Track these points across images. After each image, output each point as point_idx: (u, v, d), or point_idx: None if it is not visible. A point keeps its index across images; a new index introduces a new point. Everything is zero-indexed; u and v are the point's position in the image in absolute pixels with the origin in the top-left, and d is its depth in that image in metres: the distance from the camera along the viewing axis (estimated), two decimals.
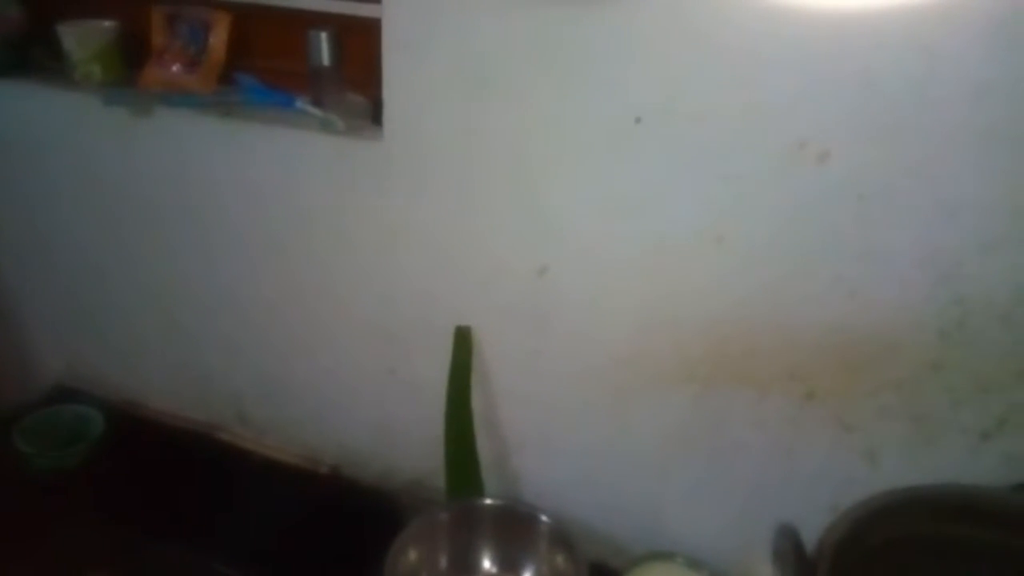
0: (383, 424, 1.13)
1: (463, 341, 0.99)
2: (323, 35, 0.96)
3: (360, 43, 0.98)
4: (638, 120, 0.79)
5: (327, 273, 1.06)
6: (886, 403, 0.83)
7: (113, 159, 1.11)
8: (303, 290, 1.09)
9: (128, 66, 1.11)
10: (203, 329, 1.20)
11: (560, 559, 0.92)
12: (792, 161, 0.76)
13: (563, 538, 0.93)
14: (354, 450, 1.17)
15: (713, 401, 0.90)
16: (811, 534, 0.81)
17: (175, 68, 1.07)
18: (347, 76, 1.00)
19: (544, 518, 0.95)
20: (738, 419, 0.90)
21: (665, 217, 0.83)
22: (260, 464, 1.22)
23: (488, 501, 0.98)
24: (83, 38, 1.07)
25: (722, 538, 0.96)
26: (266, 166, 1.01)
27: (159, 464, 1.24)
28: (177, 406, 1.28)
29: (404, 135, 0.92)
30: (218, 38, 1.06)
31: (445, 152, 0.91)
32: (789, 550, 0.54)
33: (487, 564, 0.97)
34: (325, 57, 0.98)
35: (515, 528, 0.96)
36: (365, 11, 0.92)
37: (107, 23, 1.09)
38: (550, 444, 1.02)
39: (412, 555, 0.92)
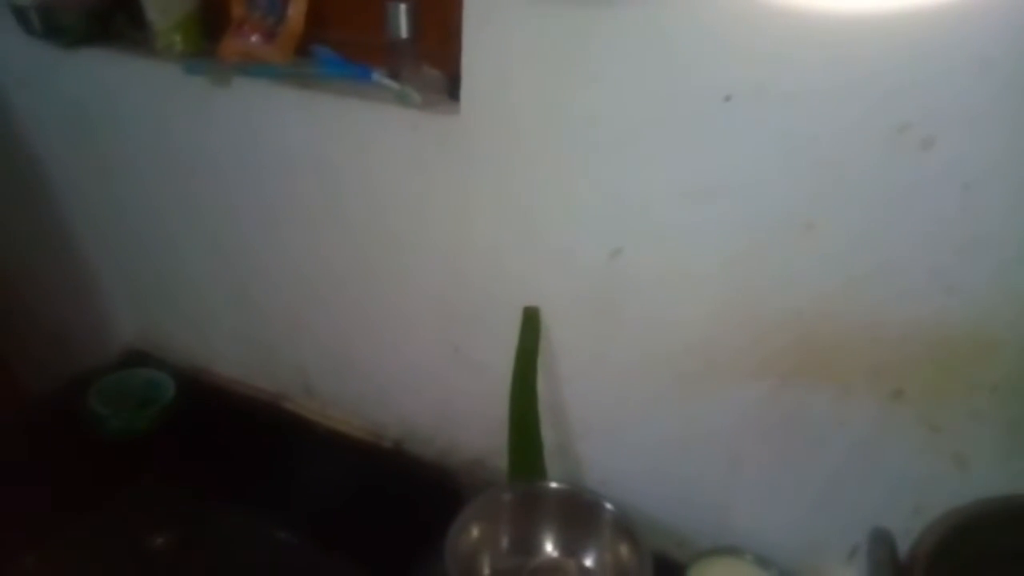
0: (446, 402, 1.13)
1: (531, 322, 0.97)
2: (402, 7, 0.95)
3: (439, 16, 0.96)
4: (728, 98, 0.76)
5: (396, 248, 1.06)
6: (979, 406, 0.78)
7: (190, 129, 1.12)
8: (371, 265, 1.09)
9: (208, 37, 1.12)
10: (271, 300, 1.21)
11: (623, 548, 0.91)
12: (893, 146, 0.71)
13: (627, 527, 0.91)
14: (417, 426, 1.17)
15: (791, 396, 0.87)
16: (895, 539, 0.78)
17: (253, 39, 1.07)
18: (424, 50, 0.99)
19: (608, 506, 0.93)
20: (817, 415, 0.86)
21: (751, 201, 0.80)
22: (324, 435, 1.24)
23: (553, 485, 0.97)
24: (165, 8, 1.08)
25: (792, 536, 0.93)
26: (340, 138, 1.01)
27: (226, 430, 1.27)
28: (244, 374, 1.30)
29: (481, 110, 0.90)
30: (296, 9, 1.05)
31: (523, 128, 0.89)
32: (886, 557, 0.51)
33: (549, 547, 0.96)
34: (403, 29, 0.96)
35: (578, 514, 0.95)
36: None
37: None
38: (616, 431, 1.01)
39: (474, 532, 0.92)
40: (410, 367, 1.14)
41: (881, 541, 0.54)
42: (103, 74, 1.17)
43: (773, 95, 0.75)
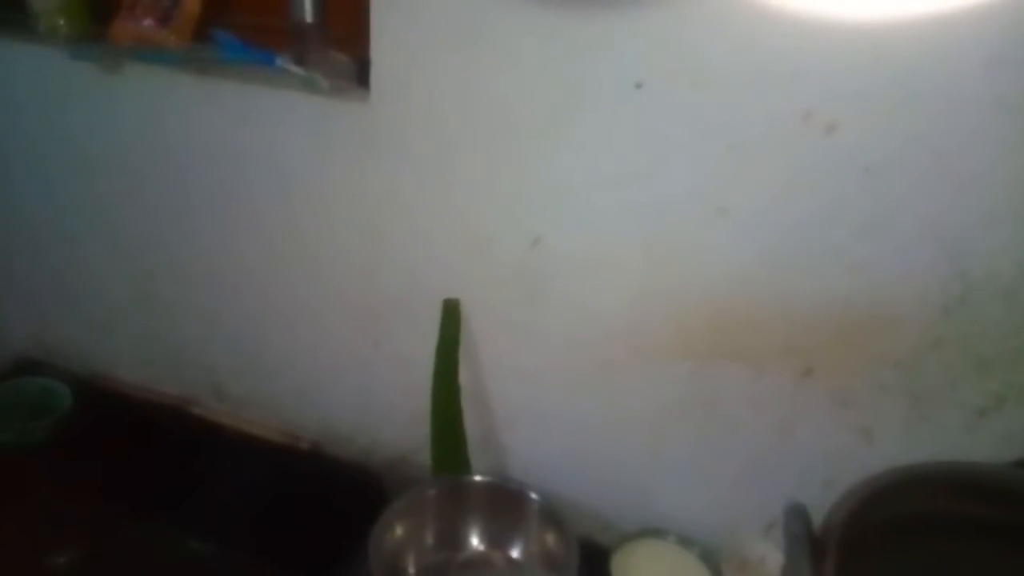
0: (366, 399, 1.10)
1: (451, 314, 0.96)
2: None
3: None
4: (639, 85, 0.76)
5: (308, 242, 1.02)
6: (884, 380, 0.81)
7: (82, 117, 1.05)
8: (283, 259, 1.05)
9: (95, 20, 1.05)
10: (178, 299, 1.15)
11: (550, 537, 0.90)
12: (798, 131, 0.73)
13: (553, 516, 0.91)
14: (336, 426, 1.14)
15: (708, 377, 0.88)
16: (810, 513, 0.80)
17: (147, 22, 1.01)
18: (331, 34, 0.95)
19: (533, 495, 0.93)
20: (733, 395, 0.88)
21: (665, 186, 0.80)
22: (237, 439, 1.19)
23: (477, 478, 0.96)
24: None
25: (713, 514, 0.95)
26: (245, 127, 0.96)
27: (130, 439, 1.20)
28: (149, 379, 1.23)
29: (392, 97, 0.88)
30: None
31: (435, 115, 0.87)
32: (801, 530, 0.52)
33: (475, 541, 0.95)
34: (308, 13, 0.92)
35: (504, 505, 0.94)
36: None
37: None
38: (539, 419, 1.00)
39: (398, 530, 0.90)
40: (328, 364, 1.10)
41: (796, 515, 0.55)
42: None
43: (683, 82, 0.75)
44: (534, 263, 0.90)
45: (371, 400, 1.10)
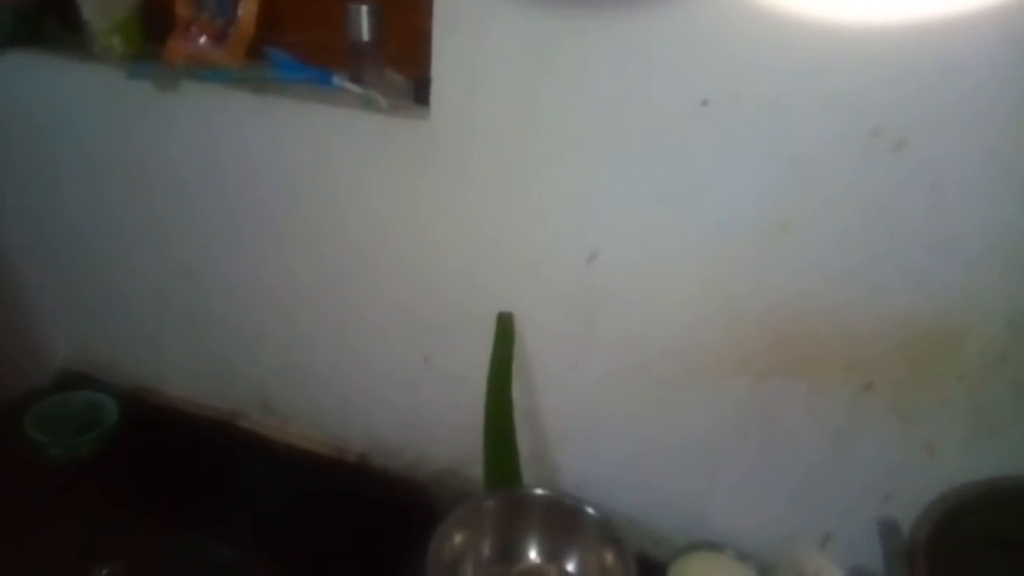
0: (415, 412, 1.10)
1: (505, 328, 0.96)
2: (364, 8, 0.92)
3: (401, 18, 0.94)
4: (705, 103, 0.77)
5: (360, 258, 1.03)
6: (947, 394, 0.82)
7: (136, 136, 1.06)
8: (335, 275, 1.06)
9: (150, 39, 1.07)
10: (228, 314, 1.16)
11: (607, 552, 0.90)
12: (865, 149, 0.74)
13: (610, 531, 0.91)
14: (384, 438, 1.14)
15: (766, 393, 0.88)
16: (862, 524, 0.81)
17: (201, 41, 1.02)
18: (386, 53, 0.97)
19: (591, 510, 0.93)
20: (792, 411, 0.88)
21: (728, 202, 0.81)
22: (283, 452, 1.19)
23: (538, 491, 0.96)
24: (104, 8, 1.02)
25: (768, 528, 0.95)
26: (301, 144, 0.97)
27: (176, 453, 1.20)
28: (196, 393, 1.24)
29: (452, 115, 0.88)
30: (247, 9, 1.01)
31: (495, 134, 0.88)
32: (898, 547, 0.53)
33: (532, 554, 0.95)
34: (365, 32, 0.94)
35: (561, 519, 0.94)
36: None
37: None
38: (592, 436, 1.00)
39: (456, 539, 0.90)
40: (376, 378, 1.11)
41: (891, 532, 0.55)
42: (34, 78, 1.10)
43: (749, 100, 0.76)
44: (591, 279, 0.90)
45: (420, 414, 1.10)
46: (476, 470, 1.07)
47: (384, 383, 1.10)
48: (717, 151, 0.79)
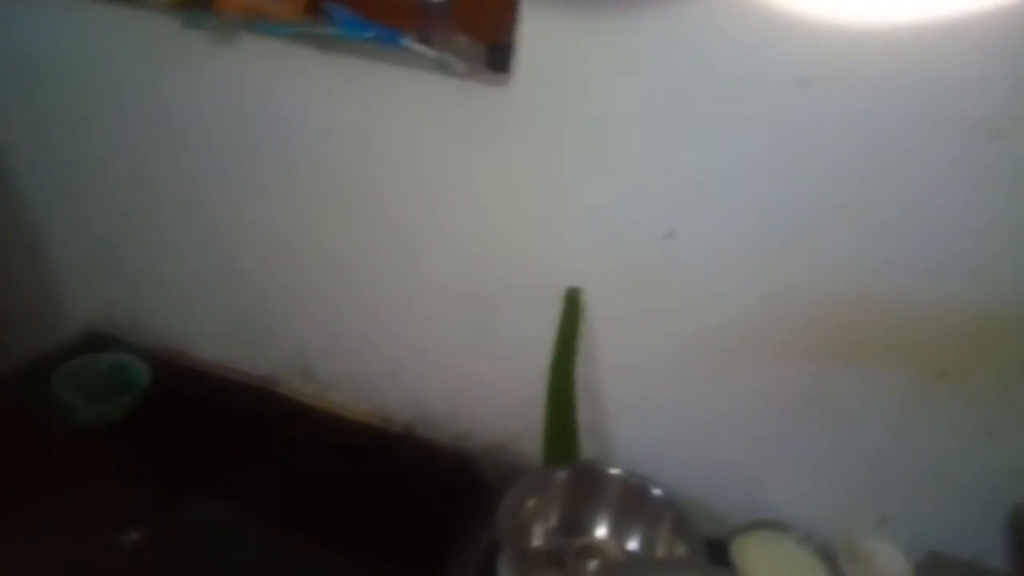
0: (465, 384, 1.09)
1: (573, 303, 0.95)
2: None
3: None
4: (805, 83, 0.76)
5: (419, 224, 1.00)
6: (1014, 382, 0.83)
7: (184, 87, 1.01)
8: (390, 240, 1.03)
9: None
10: (266, 276, 1.12)
11: (672, 533, 0.91)
12: (958, 138, 0.74)
13: (678, 515, 0.92)
14: (431, 409, 1.13)
15: (830, 375, 0.89)
16: (921, 507, 0.83)
17: None
18: (457, 15, 0.93)
19: (658, 491, 0.94)
20: (855, 394, 0.90)
21: (808, 186, 0.81)
22: (324, 420, 1.17)
23: (613, 470, 0.96)
24: None
25: (824, 510, 0.97)
26: (365, 105, 0.94)
27: (209, 418, 1.17)
28: (229, 357, 1.21)
29: (535, 83, 0.86)
30: None
31: (578, 104, 0.85)
32: None
33: (596, 529, 0.96)
34: None
35: (628, 498, 0.95)
36: None
37: None
38: (651, 411, 1.01)
39: (528, 504, 0.91)
40: (427, 348, 1.09)
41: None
42: (82, 23, 1.03)
43: (849, 82, 0.75)
44: (665, 256, 0.90)
45: (470, 385, 1.09)
46: (526, 444, 1.07)
47: (435, 353, 1.09)
48: (806, 133, 0.78)
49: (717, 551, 0.92)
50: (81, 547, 1.07)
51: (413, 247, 1.02)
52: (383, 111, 0.94)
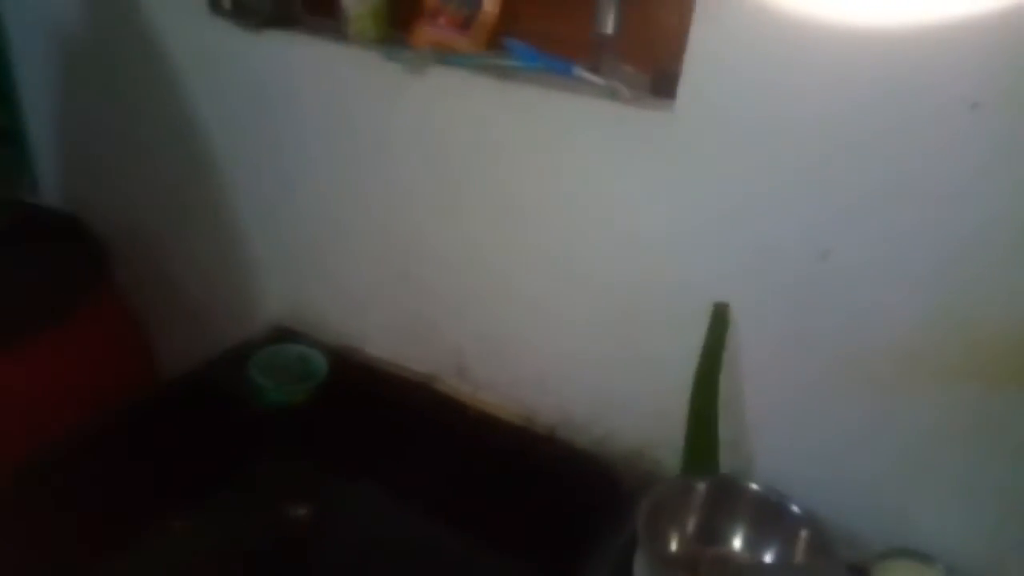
0: (609, 391, 1.15)
1: (720, 318, 0.99)
2: (614, 2, 0.97)
3: (641, 13, 0.99)
4: (974, 106, 0.77)
5: (575, 240, 1.08)
6: None
7: (376, 113, 1.16)
8: (546, 253, 1.12)
9: (392, 25, 1.16)
10: (434, 284, 1.24)
11: (811, 553, 0.92)
12: None
13: (817, 533, 0.93)
14: (574, 413, 1.19)
15: (998, 401, 0.87)
16: None
17: (447, 29, 1.11)
18: (623, 46, 1.02)
19: (796, 509, 0.95)
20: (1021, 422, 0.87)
21: (979, 208, 0.81)
22: (475, 418, 1.26)
23: (752, 485, 0.98)
24: None
25: (975, 544, 0.94)
26: (538, 129, 1.04)
27: (375, 408, 1.29)
28: (396, 355, 1.33)
29: (696, 107, 0.92)
30: (492, 2, 1.08)
31: (737, 127, 0.91)
32: None
33: (732, 541, 0.98)
34: (610, 25, 0.99)
35: (766, 513, 0.96)
36: None
37: None
38: (795, 429, 1.02)
39: (666, 508, 0.95)
40: (573, 355, 1.16)
41: None
42: (287, 56, 1.21)
43: (1019, 103, 0.76)
44: (820, 276, 0.92)
45: (613, 393, 1.15)
46: (664, 452, 1.11)
47: (580, 360, 1.16)
48: (976, 156, 0.79)
49: None
50: (259, 514, 1.21)
51: (567, 260, 1.11)
52: (550, 135, 1.04)
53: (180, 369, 1.30)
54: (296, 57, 1.20)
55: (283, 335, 1.41)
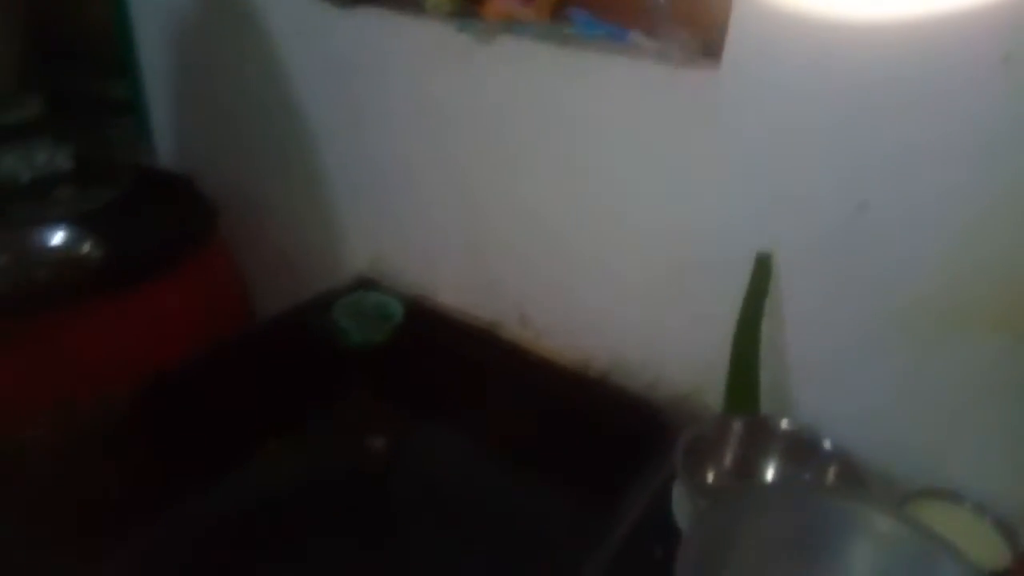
0: (657, 338, 1.23)
1: (763, 267, 1.05)
2: None
3: None
4: (1006, 59, 0.81)
5: (630, 195, 1.16)
6: None
7: (449, 82, 1.27)
8: (602, 210, 1.20)
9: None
10: (500, 239, 1.35)
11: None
12: None
13: (849, 466, 0.98)
14: (626, 358, 1.27)
15: None
16: None
17: (514, 1, 1.20)
18: (675, 14, 1.09)
19: (828, 444, 1.01)
20: None
21: (1019, 161, 0.84)
22: (534, 362, 1.36)
23: (782, 422, 1.05)
24: None
25: (1010, 490, 0.97)
26: (594, 91, 1.12)
27: (444, 352, 1.41)
28: (464, 304, 1.45)
29: (741, 68, 0.98)
30: None
31: (780, 87, 0.96)
32: None
33: (768, 474, 1.05)
34: None
35: (799, 450, 1.02)
36: None
37: None
38: (835, 376, 1.07)
39: (704, 443, 1.02)
40: (627, 303, 1.24)
41: None
42: (372, 31, 1.33)
43: None
44: (858, 227, 0.97)
45: (662, 340, 1.22)
46: (709, 397, 1.18)
47: (633, 308, 1.23)
48: (1011, 109, 0.83)
49: None
50: (342, 443, 1.36)
51: (621, 214, 1.19)
52: (607, 96, 1.12)
53: (274, 312, 1.47)
54: (380, 31, 1.33)
55: (364, 284, 1.55)
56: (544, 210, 1.27)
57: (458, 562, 1.10)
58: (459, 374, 1.40)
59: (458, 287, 1.46)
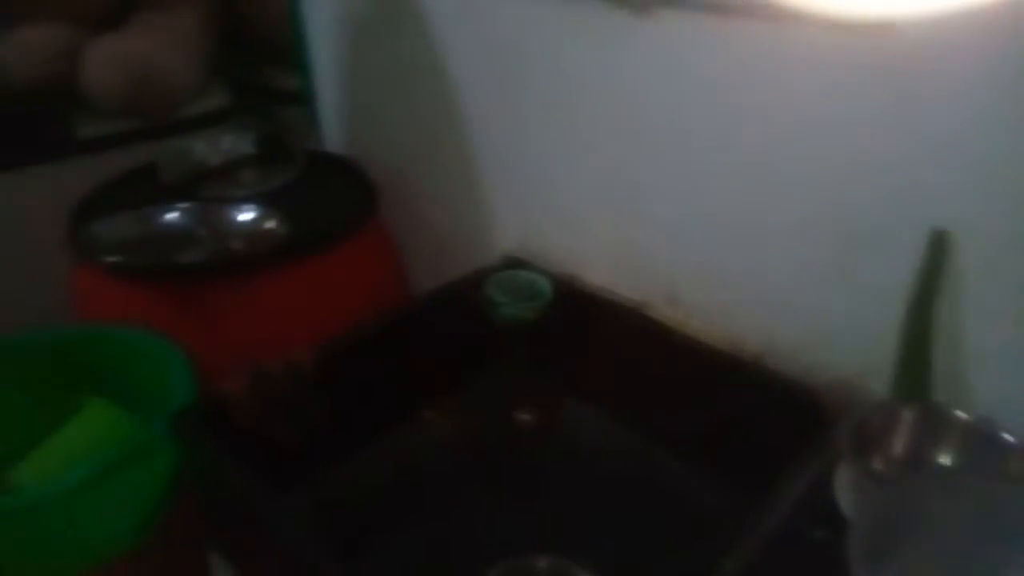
0: (815, 319, 1.18)
1: (939, 245, 0.99)
2: None
3: None
4: None
5: (792, 166, 1.12)
6: None
7: (604, 60, 1.28)
8: (759, 183, 1.17)
9: None
10: (650, 218, 1.35)
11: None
12: None
13: None
14: (782, 341, 1.23)
15: None
16: None
17: None
18: None
19: (1009, 436, 0.93)
20: None
21: None
22: (683, 343, 1.34)
23: (962, 413, 0.98)
24: None
25: None
26: (762, 64, 1.09)
27: (591, 330, 1.43)
28: (612, 283, 1.46)
29: (917, 37, 0.93)
30: None
31: (958, 51, 0.90)
32: None
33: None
34: None
35: (976, 439, 0.96)
36: None
37: None
38: (1016, 367, 0.99)
39: (870, 429, 0.98)
40: (784, 282, 1.20)
41: None
42: (525, 13, 1.37)
43: None
44: None
45: (820, 320, 1.17)
46: (873, 383, 1.12)
47: (789, 287, 1.19)
48: None
49: None
50: (492, 415, 1.42)
51: (781, 187, 1.15)
52: (773, 70, 1.09)
53: (429, 287, 1.55)
54: (532, 14, 1.36)
55: (514, 264, 1.60)
56: (699, 188, 1.26)
57: (613, 535, 1.12)
58: (607, 353, 1.42)
59: (607, 267, 1.47)
